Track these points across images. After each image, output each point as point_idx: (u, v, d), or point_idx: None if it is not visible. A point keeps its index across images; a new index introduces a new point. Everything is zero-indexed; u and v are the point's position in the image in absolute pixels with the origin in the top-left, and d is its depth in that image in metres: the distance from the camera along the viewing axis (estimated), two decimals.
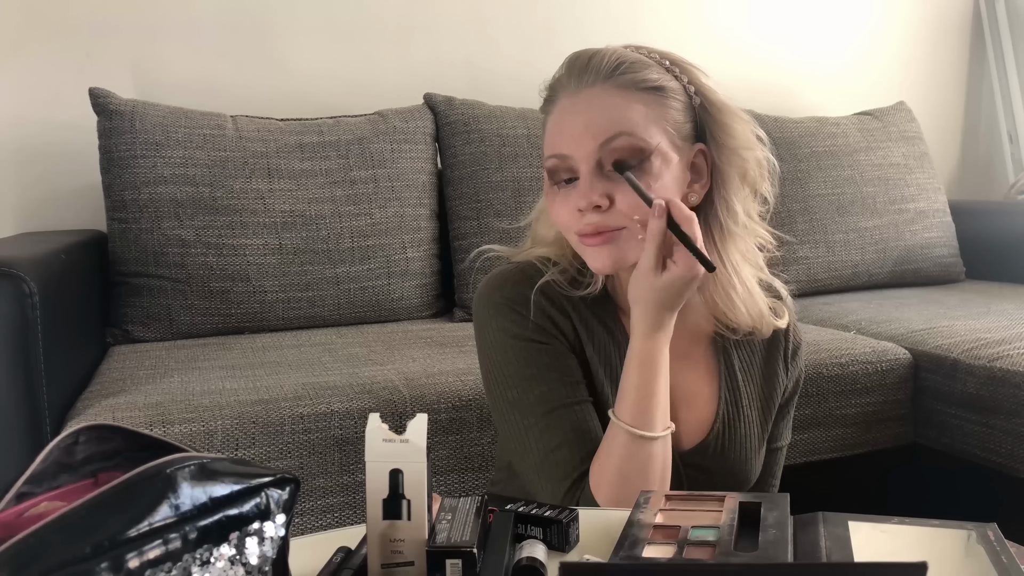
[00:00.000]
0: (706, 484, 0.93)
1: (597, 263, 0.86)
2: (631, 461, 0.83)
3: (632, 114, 0.83)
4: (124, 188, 1.70)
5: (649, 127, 0.84)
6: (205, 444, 1.21)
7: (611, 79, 0.84)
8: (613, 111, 0.83)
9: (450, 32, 2.22)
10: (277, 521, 0.55)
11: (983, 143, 2.85)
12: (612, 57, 0.85)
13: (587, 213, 0.84)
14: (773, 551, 0.65)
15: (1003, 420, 1.48)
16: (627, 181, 0.82)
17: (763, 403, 0.97)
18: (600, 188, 0.83)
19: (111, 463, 0.57)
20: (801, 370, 1.02)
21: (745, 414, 0.95)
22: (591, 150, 0.83)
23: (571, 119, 0.85)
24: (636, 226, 0.84)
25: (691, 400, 0.94)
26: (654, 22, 2.40)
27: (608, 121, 0.83)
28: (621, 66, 0.84)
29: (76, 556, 0.45)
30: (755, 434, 0.96)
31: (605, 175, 0.84)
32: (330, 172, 1.83)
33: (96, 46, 1.95)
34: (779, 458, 1.05)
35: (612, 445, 0.85)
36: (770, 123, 2.23)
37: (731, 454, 0.94)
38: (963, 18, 2.78)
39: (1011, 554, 0.64)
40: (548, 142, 0.88)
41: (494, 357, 0.92)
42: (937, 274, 2.29)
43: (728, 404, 0.94)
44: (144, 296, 1.69)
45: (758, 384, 0.97)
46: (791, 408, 1.04)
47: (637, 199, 0.82)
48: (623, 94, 0.84)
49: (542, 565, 0.67)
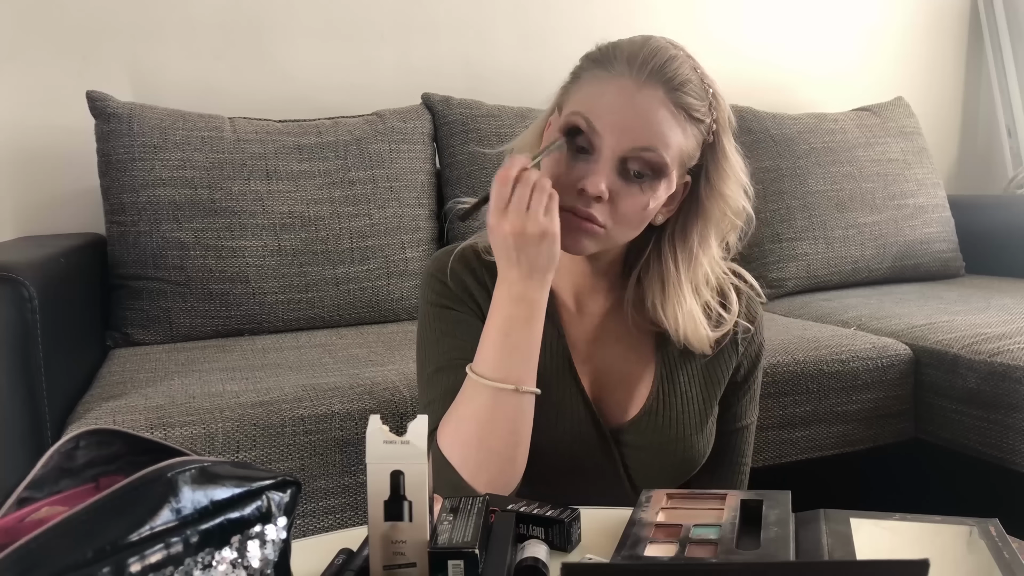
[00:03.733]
0: (645, 462, 0.95)
1: (573, 245, 0.87)
2: (467, 406, 0.85)
3: (671, 136, 0.85)
4: (123, 191, 1.70)
5: (674, 152, 0.85)
6: (206, 447, 1.21)
7: (673, 94, 0.84)
8: (661, 125, 0.84)
9: (448, 32, 2.22)
10: (278, 524, 0.55)
11: (982, 138, 2.85)
12: (685, 69, 0.85)
13: (588, 197, 0.84)
14: (775, 549, 0.65)
15: (1004, 415, 1.48)
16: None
17: (704, 380, 0.97)
18: (608, 182, 0.84)
19: (112, 467, 0.57)
20: (760, 344, 1.01)
21: (682, 391, 0.96)
22: (625, 147, 0.84)
23: (622, 106, 0.84)
24: (615, 233, 0.86)
25: (626, 379, 0.96)
26: (653, 20, 2.40)
27: (653, 132, 0.84)
28: (686, 86, 0.85)
29: (78, 561, 0.45)
30: (694, 412, 0.96)
31: (619, 172, 0.85)
32: (328, 173, 1.82)
33: (93, 49, 1.95)
34: (746, 438, 1.04)
35: (461, 394, 0.87)
36: (768, 120, 2.23)
37: (667, 431, 0.94)
38: (961, 13, 2.78)
39: (1013, 549, 0.64)
40: (585, 103, 0.86)
41: (418, 323, 0.98)
42: (937, 269, 2.29)
43: (664, 380, 0.95)
44: (143, 299, 1.69)
45: (698, 365, 0.97)
46: (753, 385, 1.03)
47: (630, 209, 0.85)
48: (674, 114, 0.85)
49: (544, 565, 0.67)
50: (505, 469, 0.85)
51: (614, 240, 0.88)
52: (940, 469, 1.63)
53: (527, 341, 0.85)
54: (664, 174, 0.85)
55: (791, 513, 0.72)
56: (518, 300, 0.84)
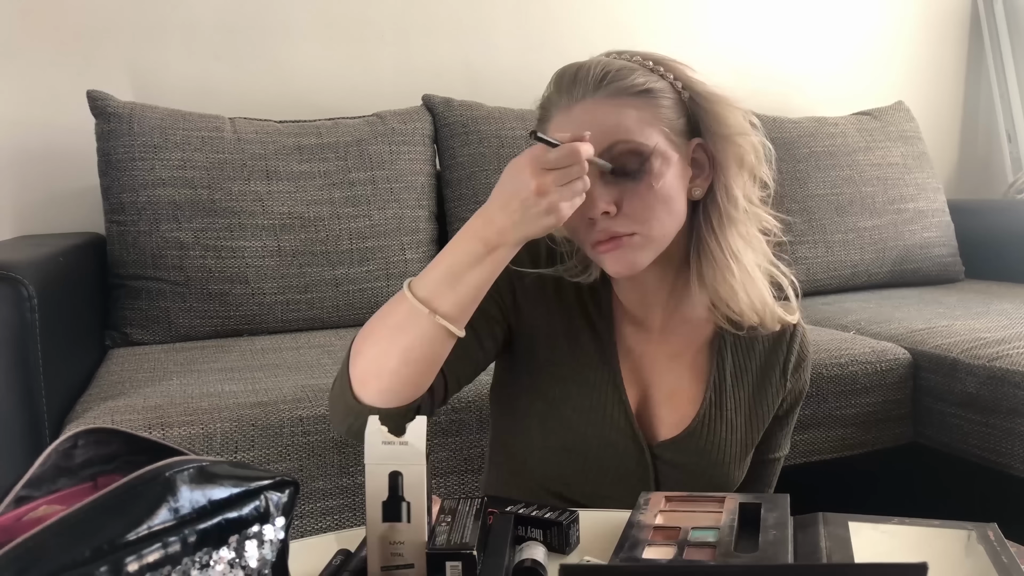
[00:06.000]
0: (678, 480, 0.94)
1: (615, 268, 0.86)
2: (385, 306, 0.83)
3: (625, 120, 0.84)
4: (122, 191, 1.70)
5: (644, 129, 0.84)
6: (204, 447, 1.20)
7: (600, 90, 0.85)
8: (606, 120, 0.84)
9: (448, 33, 2.22)
10: (276, 524, 0.55)
11: (982, 142, 2.85)
12: (597, 68, 0.86)
13: (598, 221, 0.84)
14: (773, 552, 0.65)
15: (1003, 419, 1.48)
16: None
17: (750, 410, 0.97)
18: (607, 195, 0.83)
19: (110, 466, 0.56)
20: (805, 383, 1.02)
21: (728, 418, 0.95)
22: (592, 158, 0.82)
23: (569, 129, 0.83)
24: (648, 231, 0.85)
25: (673, 397, 0.95)
26: (652, 24, 2.40)
27: (603, 131, 0.83)
28: (607, 75, 0.85)
29: (75, 560, 0.45)
30: (737, 440, 0.96)
31: (610, 182, 0.84)
32: (328, 174, 1.82)
33: (94, 49, 1.95)
34: (775, 468, 1.05)
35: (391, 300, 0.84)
36: (769, 123, 2.23)
37: (707, 455, 0.94)
38: (961, 17, 2.79)
39: (1011, 554, 0.64)
40: None
41: None
42: (936, 273, 2.29)
43: (711, 406, 0.95)
44: (143, 299, 1.69)
45: (748, 391, 0.97)
46: (791, 420, 1.04)
47: (643, 204, 0.84)
48: (613, 102, 0.84)
49: (542, 567, 0.67)
50: (383, 374, 0.81)
51: (657, 236, 0.86)
52: (939, 473, 1.63)
53: (470, 280, 0.79)
54: (647, 153, 0.84)
55: (789, 516, 0.72)
56: (483, 240, 0.78)
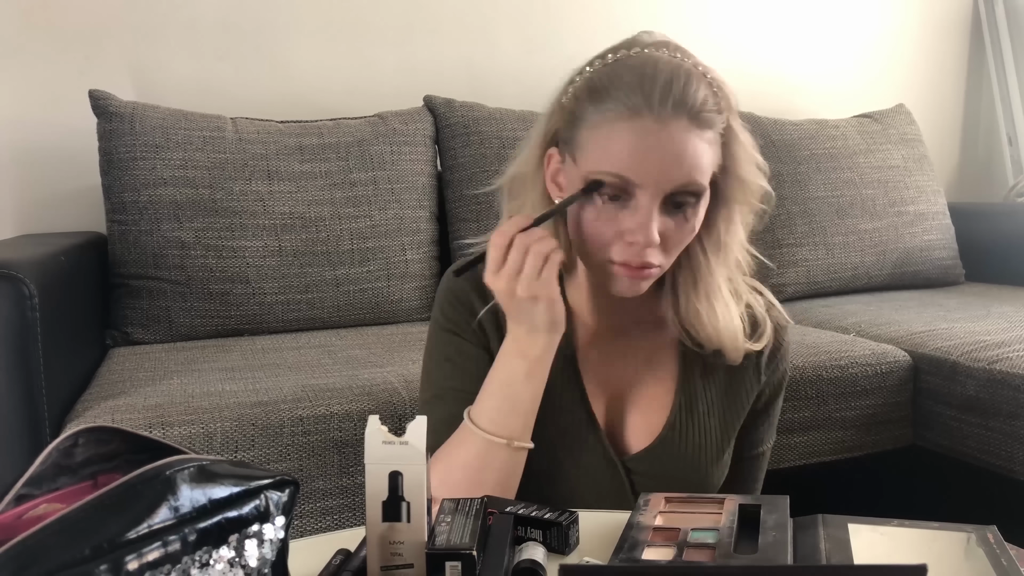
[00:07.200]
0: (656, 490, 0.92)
1: (626, 290, 0.85)
2: (459, 453, 0.85)
3: (704, 160, 0.82)
4: (124, 190, 1.70)
5: (708, 171, 0.83)
6: (204, 446, 1.20)
7: (696, 119, 0.81)
8: (695, 157, 0.81)
9: (450, 34, 2.22)
10: (276, 523, 0.55)
11: (982, 145, 2.85)
12: (700, 91, 0.82)
13: (639, 244, 0.82)
14: (773, 553, 0.65)
15: (1003, 422, 1.48)
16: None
17: (723, 410, 0.96)
18: (660, 225, 0.82)
19: (110, 465, 0.56)
20: (784, 372, 1.00)
21: (701, 421, 0.94)
22: (666, 190, 0.81)
23: (653, 150, 0.80)
24: (667, 265, 0.85)
25: (643, 404, 0.94)
26: (654, 25, 2.35)
27: (691, 167, 0.81)
28: (706, 105, 0.81)
29: (75, 558, 0.45)
30: (712, 442, 0.94)
31: (663, 212, 0.82)
32: (330, 174, 1.83)
33: (96, 48, 1.95)
34: (761, 464, 1.04)
35: (456, 436, 0.87)
36: (770, 125, 2.23)
37: (682, 460, 0.93)
38: (962, 20, 2.79)
39: (1011, 556, 0.64)
40: (609, 158, 0.81)
41: (427, 333, 0.99)
42: (936, 276, 2.29)
43: (682, 409, 0.94)
44: (144, 298, 1.69)
45: (720, 390, 0.96)
46: (772, 412, 1.02)
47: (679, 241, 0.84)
48: (702, 137, 0.82)
49: (542, 567, 0.67)
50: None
51: (665, 269, 0.87)
52: (938, 476, 1.63)
53: (526, 396, 0.84)
54: (703, 194, 0.84)
55: (789, 518, 0.72)
56: (520, 355, 0.84)
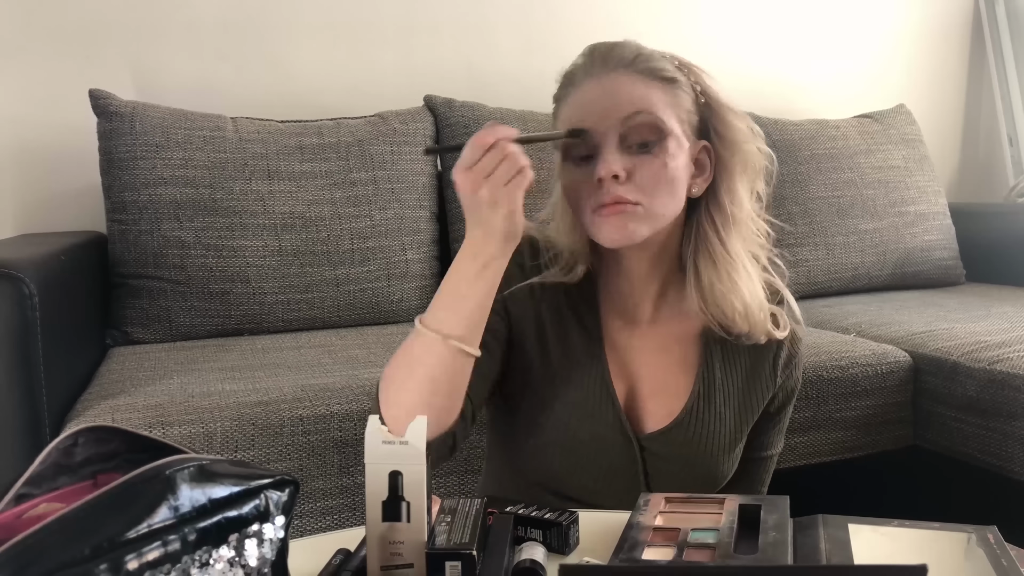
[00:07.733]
0: (668, 472, 0.95)
1: (612, 235, 0.87)
2: (401, 348, 0.84)
3: (652, 97, 0.88)
4: (124, 190, 1.70)
5: (666, 111, 0.88)
6: (204, 446, 1.20)
7: (632, 66, 0.89)
8: (635, 91, 0.88)
9: (450, 34, 2.22)
10: (276, 523, 0.55)
11: (983, 146, 2.85)
12: (632, 48, 0.91)
13: (607, 183, 0.86)
14: (773, 553, 0.65)
15: (1003, 423, 1.48)
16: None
17: (740, 404, 0.97)
18: (620, 161, 0.86)
19: (110, 465, 0.56)
20: (797, 380, 1.03)
21: (717, 411, 0.96)
22: (614, 124, 0.86)
23: (596, 97, 0.88)
24: (651, 204, 0.87)
25: (661, 389, 0.96)
26: (654, 25, 2.40)
27: (630, 100, 0.87)
28: (641, 56, 0.90)
29: (75, 557, 0.45)
30: (726, 432, 0.96)
31: (625, 151, 0.87)
32: (330, 174, 1.83)
33: (96, 48, 1.95)
34: (768, 466, 1.05)
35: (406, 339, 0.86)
36: (770, 125, 2.23)
37: (694, 447, 0.94)
38: (963, 21, 2.78)
39: (1011, 557, 0.64)
40: (567, 120, 0.90)
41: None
42: (937, 277, 2.29)
43: (699, 398, 0.95)
44: (144, 298, 1.69)
45: (738, 385, 0.97)
46: (783, 418, 1.04)
47: (653, 177, 0.86)
48: (644, 80, 0.89)
49: (542, 567, 0.67)
50: (415, 411, 0.78)
51: (655, 214, 0.88)
52: (939, 476, 1.63)
53: (470, 296, 0.82)
54: (666, 132, 0.87)
55: (789, 518, 0.72)
56: (472, 256, 0.81)
